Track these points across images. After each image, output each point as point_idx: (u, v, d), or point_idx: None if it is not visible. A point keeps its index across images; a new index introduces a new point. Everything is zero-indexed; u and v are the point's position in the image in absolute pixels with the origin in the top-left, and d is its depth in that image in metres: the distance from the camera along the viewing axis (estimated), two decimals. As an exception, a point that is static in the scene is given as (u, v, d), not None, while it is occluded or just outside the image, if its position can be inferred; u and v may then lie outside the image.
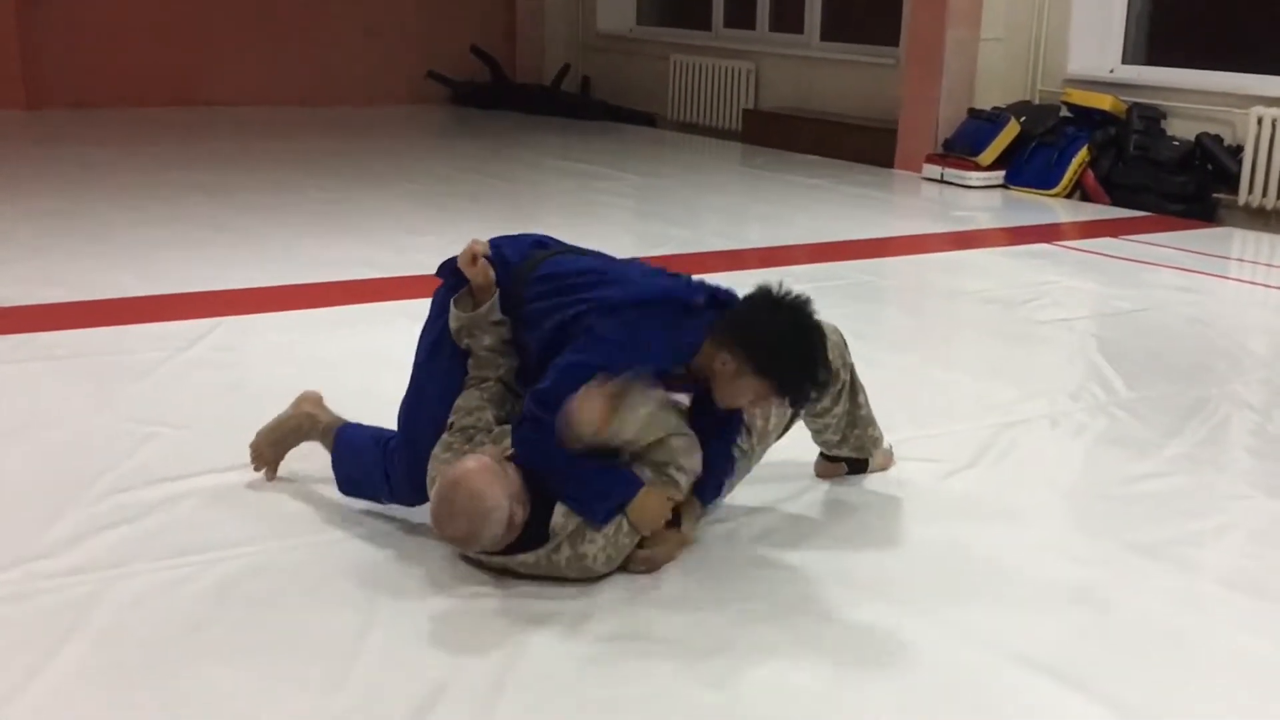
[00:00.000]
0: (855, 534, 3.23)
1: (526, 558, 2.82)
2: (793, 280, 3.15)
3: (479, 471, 2.73)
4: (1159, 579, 3.04)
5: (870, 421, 3.45)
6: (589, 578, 2.87)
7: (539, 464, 2.82)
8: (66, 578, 2.81)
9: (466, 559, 2.90)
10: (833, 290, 5.61)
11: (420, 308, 3.24)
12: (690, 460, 2.94)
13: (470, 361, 3.08)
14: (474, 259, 3.02)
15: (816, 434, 3.45)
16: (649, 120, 11.72)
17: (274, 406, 3.91)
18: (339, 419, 3.35)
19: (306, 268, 5.72)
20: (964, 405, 4.27)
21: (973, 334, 5.43)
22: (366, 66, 12.04)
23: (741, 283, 3.08)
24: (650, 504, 2.88)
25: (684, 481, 2.94)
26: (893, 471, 3.62)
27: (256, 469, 3.40)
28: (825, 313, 3.04)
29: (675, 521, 2.97)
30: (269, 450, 3.39)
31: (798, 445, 3.48)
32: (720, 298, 2.98)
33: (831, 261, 6.32)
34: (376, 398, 3.95)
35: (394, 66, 12.16)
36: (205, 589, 2.80)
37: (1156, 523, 3.36)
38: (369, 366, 4.34)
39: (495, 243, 3.12)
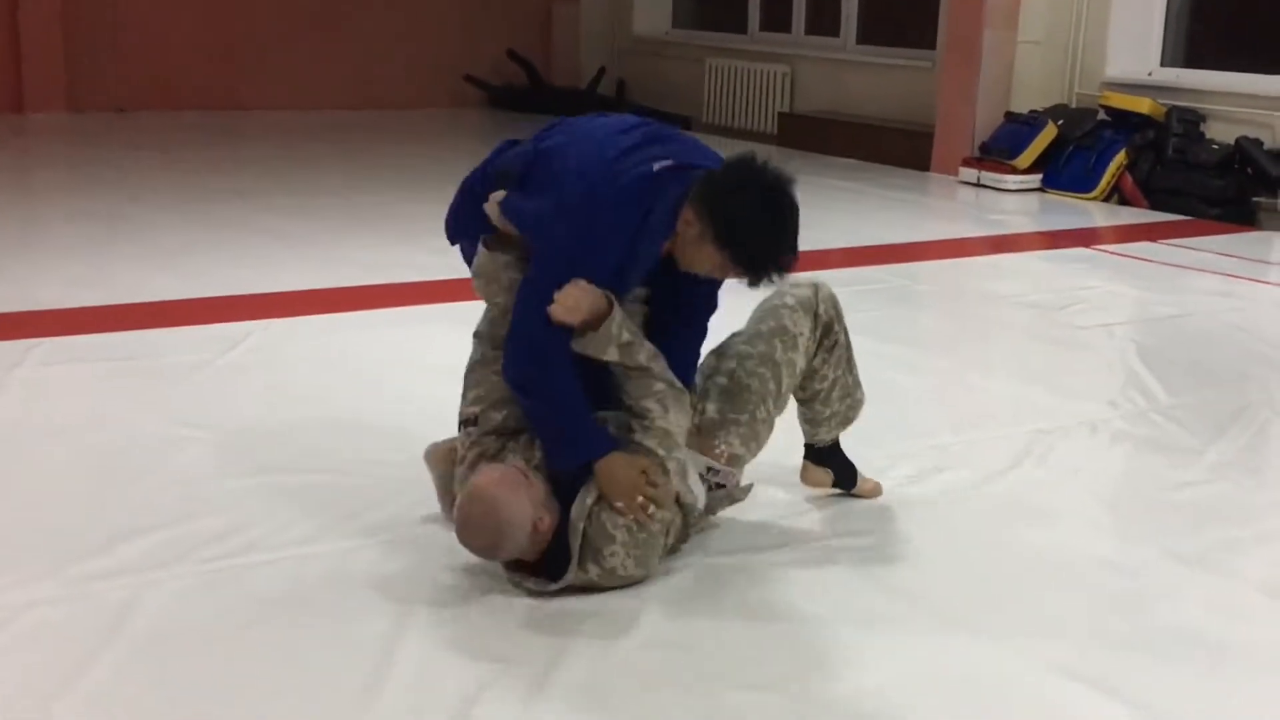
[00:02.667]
0: (891, 541, 3.22)
1: (560, 587, 2.79)
2: (830, 284, 3.15)
3: (497, 482, 2.73)
4: (1200, 587, 3.03)
5: (857, 385, 3.27)
6: (635, 582, 2.86)
7: (528, 407, 2.82)
8: (107, 580, 2.83)
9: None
10: (869, 294, 5.60)
11: (461, 310, 3.24)
12: (680, 450, 2.90)
13: (489, 319, 2.99)
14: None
15: (805, 407, 3.24)
16: (684, 123, 11.70)
17: (313, 409, 3.94)
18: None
19: (346, 270, 5.74)
20: (1002, 411, 4.26)
21: (1010, 339, 5.40)
22: (404, 71, 12.08)
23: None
24: (617, 470, 2.78)
25: (670, 464, 2.86)
26: (930, 477, 3.61)
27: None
28: (862, 316, 3.04)
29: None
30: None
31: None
32: (685, 163, 2.83)
33: (867, 265, 6.30)
34: (415, 401, 3.98)
35: (431, 71, 12.20)
36: (244, 592, 2.82)
37: (1197, 530, 3.34)
38: (408, 370, 4.36)
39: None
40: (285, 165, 8.77)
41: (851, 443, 3.84)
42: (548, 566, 2.81)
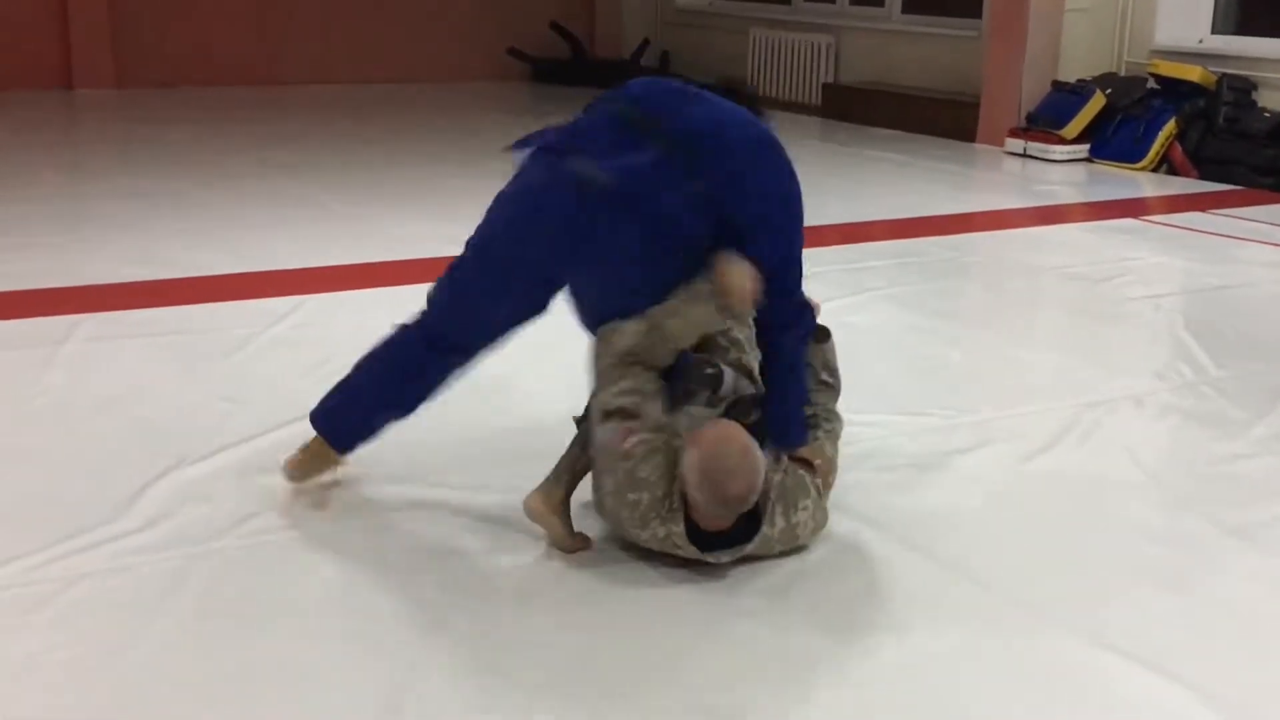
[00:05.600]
0: (935, 514, 3.20)
1: (750, 550, 2.80)
2: (874, 256, 3.13)
3: (738, 429, 2.75)
4: (1247, 561, 3.00)
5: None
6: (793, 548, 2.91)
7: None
8: (155, 553, 2.86)
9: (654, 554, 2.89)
10: (914, 266, 5.56)
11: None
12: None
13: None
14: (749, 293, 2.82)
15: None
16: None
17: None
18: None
19: (388, 245, 5.76)
20: (1047, 384, 4.23)
21: (1056, 311, 5.36)
22: (448, 44, 12.08)
23: (820, 259, 3.06)
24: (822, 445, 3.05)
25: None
26: (975, 451, 3.59)
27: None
28: (906, 289, 3.04)
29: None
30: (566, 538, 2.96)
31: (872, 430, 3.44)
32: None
33: (912, 238, 6.26)
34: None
35: (474, 44, 12.20)
36: (288, 565, 2.84)
37: (1245, 504, 3.30)
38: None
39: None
40: (328, 139, 8.80)
41: (897, 415, 3.83)
42: (732, 533, 2.79)
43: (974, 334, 4.87)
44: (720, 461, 2.67)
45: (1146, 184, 8.17)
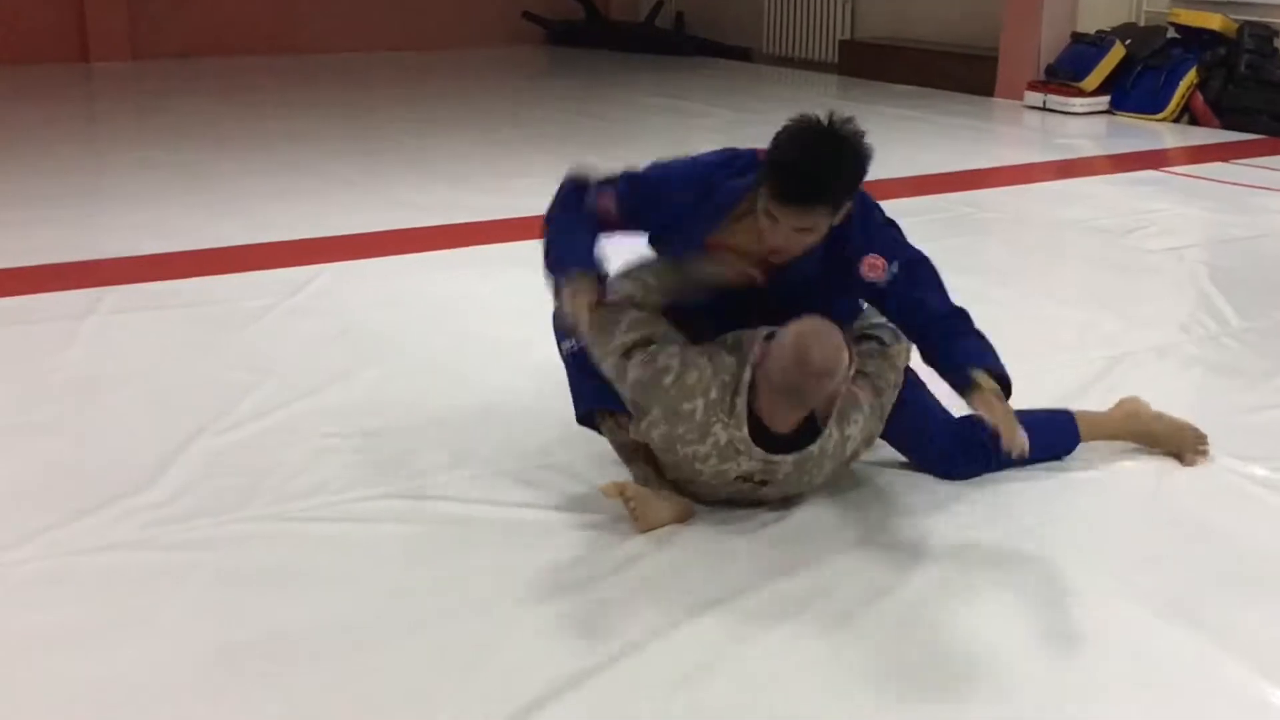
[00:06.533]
0: (959, 470, 3.19)
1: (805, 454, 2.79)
2: (893, 214, 3.09)
3: (833, 326, 2.74)
4: (1272, 511, 2.98)
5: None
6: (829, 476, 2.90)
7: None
8: (178, 524, 2.87)
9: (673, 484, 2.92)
10: (933, 223, 5.53)
11: (514, 251, 3.21)
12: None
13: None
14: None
15: None
16: (744, 55, 11.59)
17: (376, 352, 3.96)
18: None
19: (404, 213, 5.75)
20: (1069, 338, 4.21)
21: (1078, 264, 5.33)
22: (462, 9, 12.04)
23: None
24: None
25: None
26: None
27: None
28: (927, 246, 3.01)
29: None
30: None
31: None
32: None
33: (931, 194, 6.23)
34: (475, 341, 4.01)
35: (489, 9, 12.15)
36: (312, 537, 2.85)
37: (1270, 455, 3.28)
38: (466, 311, 4.38)
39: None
40: (344, 108, 8.80)
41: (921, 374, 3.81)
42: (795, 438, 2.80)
43: (996, 289, 4.83)
44: (813, 338, 2.68)
45: (1168, 135, 8.10)
